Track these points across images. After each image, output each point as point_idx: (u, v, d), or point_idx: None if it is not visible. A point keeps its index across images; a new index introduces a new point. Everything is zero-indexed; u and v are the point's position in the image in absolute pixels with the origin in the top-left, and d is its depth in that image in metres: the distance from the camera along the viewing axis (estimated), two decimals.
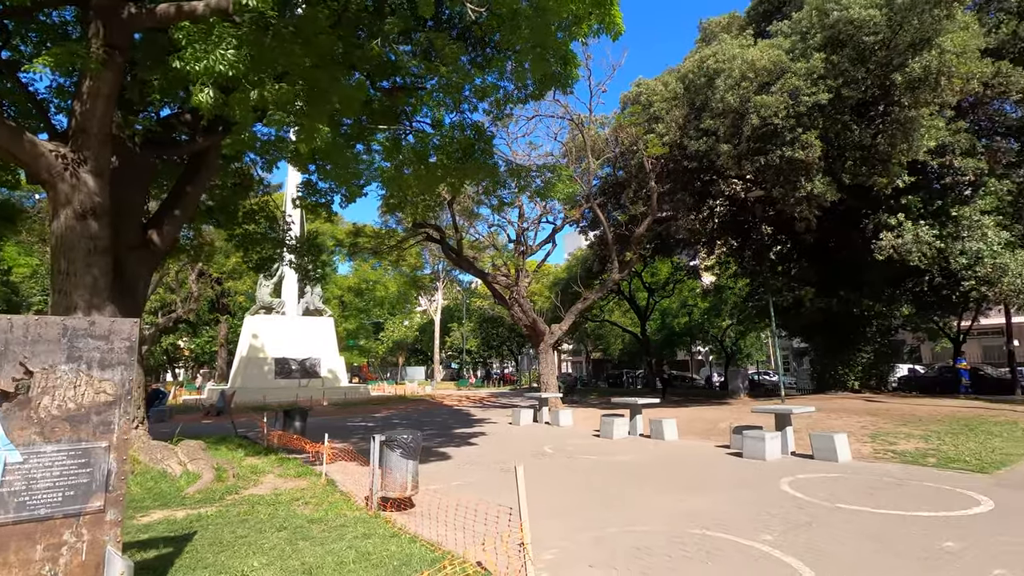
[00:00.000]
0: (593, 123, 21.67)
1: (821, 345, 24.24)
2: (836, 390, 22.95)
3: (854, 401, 19.21)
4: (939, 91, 12.78)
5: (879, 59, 13.35)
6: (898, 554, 5.27)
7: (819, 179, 14.65)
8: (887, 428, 13.14)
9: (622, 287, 36.09)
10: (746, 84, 14.28)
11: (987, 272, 18.01)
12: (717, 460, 10.69)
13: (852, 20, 12.96)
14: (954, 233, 18.08)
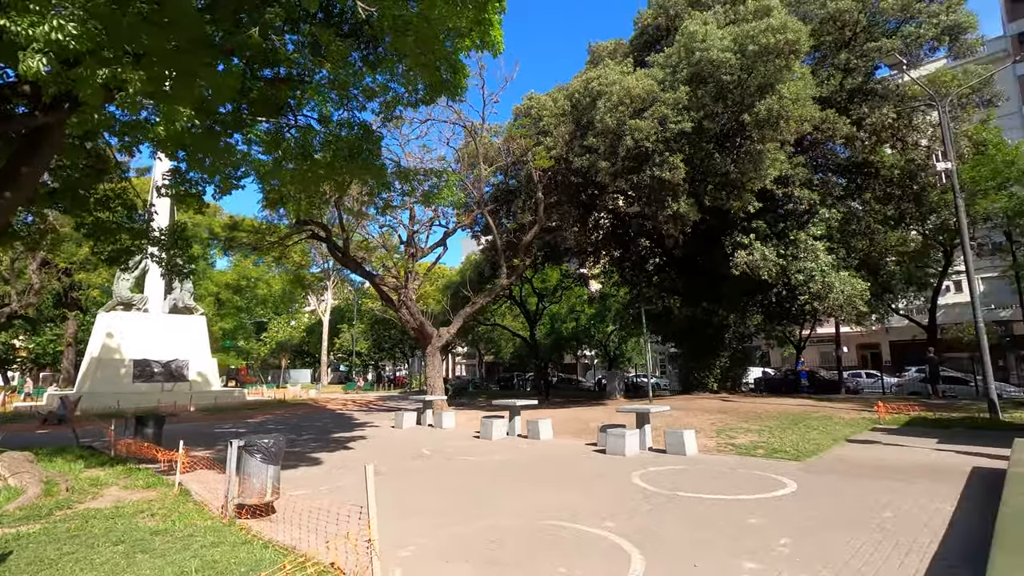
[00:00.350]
0: (487, 131, 22.18)
1: (687, 350, 26.64)
2: (698, 391, 25.33)
3: (711, 401, 21.36)
4: (780, 130, 14.80)
5: (734, 98, 15.19)
6: (712, 530, 6.09)
7: (683, 200, 16.28)
8: (732, 424, 14.81)
9: (513, 292, 37.08)
10: (623, 108, 15.53)
11: (818, 289, 20.87)
12: (583, 457, 11.46)
13: (712, 60, 14.62)
14: (793, 254, 20.78)
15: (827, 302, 20.88)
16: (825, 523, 6.33)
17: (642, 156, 15.71)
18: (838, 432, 13.77)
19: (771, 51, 13.87)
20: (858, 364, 46.25)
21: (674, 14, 19.82)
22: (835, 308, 21.16)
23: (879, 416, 15.97)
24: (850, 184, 24.30)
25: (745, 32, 14.22)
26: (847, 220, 23.89)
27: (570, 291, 39.61)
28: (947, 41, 18.08)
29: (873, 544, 5.60)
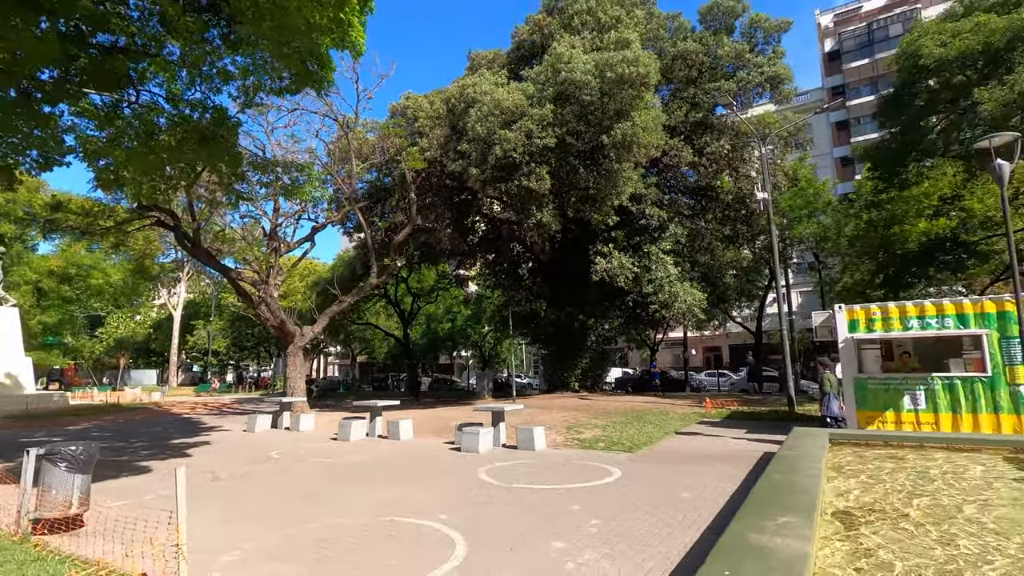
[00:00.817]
0: (363, 127, 21.73)
1: (553, 351, 28.14)
2: (562, 390, 26.88)
3: (571, 399, 22.81)
4: (632, 153, 16.37)
5: (595, 119, 16.51)
6: (536, 517, 6.66)
7: (547, 209, 17.32)
8: (583, 420, 16.00)
9: (388, 291, 36.50)
10: (493, 119, 16.16)
11: (665, 298, 23.16)
12: (438, 455, 11.74)
13: (575, 81, 15.79)
14: (646, 265, 22.89)
15: (672, 309, 23.27)
16: (635, 505, 7.20)
17: (511, 166, 16.46)
18: (671, 425, 15.47)
19: (626, 80, 15.33)
20: (703, 365, 51.74)
21: (548, 33, 20.95)
22: (679, 315, 23.67)
23: (706, 411, 18.20)
24: (696, 205, 27.31)
25: (605, 60, 15.56)
26: (693, 237, 26.83)
27: (447, 292, 39.85)
28: (769, 88, 21.22)
29: (667, 520, 6.51)
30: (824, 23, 52.24)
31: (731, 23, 21.65)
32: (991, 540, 4.63)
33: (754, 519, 4.90)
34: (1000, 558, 4.20)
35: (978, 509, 5.62)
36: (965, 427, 12.04)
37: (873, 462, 8.78)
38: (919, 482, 7.02)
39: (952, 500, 6.01)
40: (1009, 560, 4.15)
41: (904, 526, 5.11)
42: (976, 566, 3.97)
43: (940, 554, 4.25)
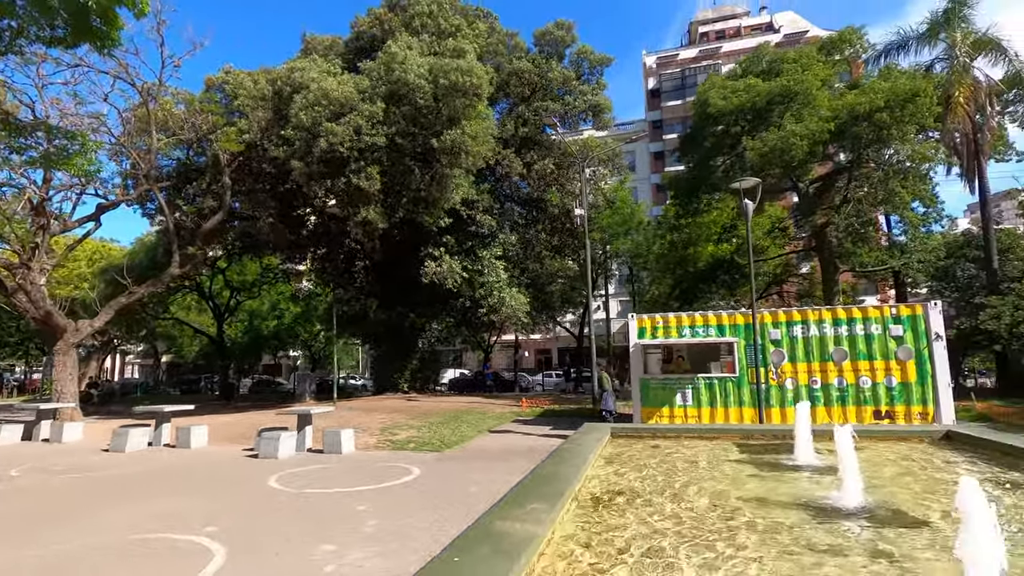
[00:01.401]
0: (172, 97, 19.27)
1: (384, 352, 27.66)
2: (392, 392, 26.52)
3: (397, 401, 22.60)
4: (461, 160, 16.84)
5: (427, 123, 16.66)
6: (313, 522, 6.51)
7: (374, 208, 17.01)
8: (401, 422, 15.97)
9: (202, 284, 32.79)
10: (320, 108, 15.47)
11: (495, 302, 24.11)
12: (229, 463, 10.85)
13: (408, 83, 15.81)
14: (479, 269, 23.62)
15: (500, 313, 24.34)
16: (421, 503, 7.40)
17: (338, 161, 15.86)
18: (486, 424, 16.16)
19: (459, 89, 15.74)
20: (535, 366, 54.78)
21: (388, 29, 20.65)
22: (505, 318, 24.82)
23: (522, 409, 19.34)
24: (528, 215, 28.93)
25: (440, 66, 15.81)
26: (525, 245, 28.34)
27: (272, 287, 36.96)
28: (591, 115, 23.42)
29: (448, 516, 6.80)
30: (649, 63, 58.83)
31: (562, 51, 23.46)
32: (702, 510, 5.62)
33: (507, 508, 5.35)
34: (699, 524, 5.10)
35: (703, 485, 6.78)
36: (719, 419, 14.38)
37: (639, 452, 10.09)
38: (665, 466, 8.24)
39: (687, 479, 7.17)
40: (703, 523, 5.03)
41: (639, 504, 5.97)
42: (683, 535, 4.73)
43: (662, 525, 5.02)
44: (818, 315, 14.25)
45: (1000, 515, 4.34)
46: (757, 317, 14.63)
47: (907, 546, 3.69)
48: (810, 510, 4.92)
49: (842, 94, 18.58)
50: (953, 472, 6.65)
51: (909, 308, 13.90)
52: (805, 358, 14.11)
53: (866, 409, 13.61)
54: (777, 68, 21.78)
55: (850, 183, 20.44)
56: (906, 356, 13.48)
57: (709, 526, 4.41)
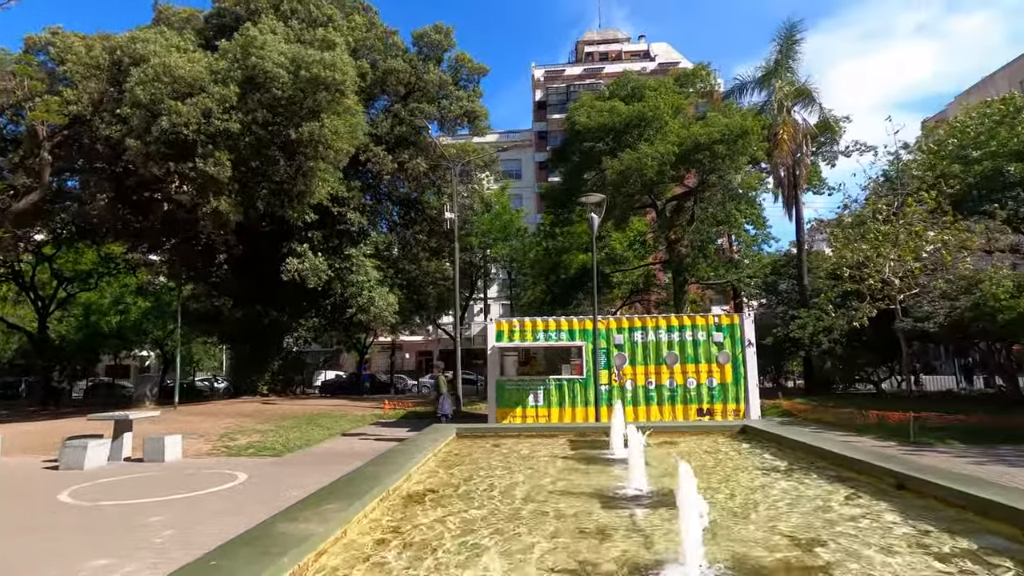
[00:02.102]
0: None
1: (243, 353, 25.84)
2: (251, 395, 24.83)
3: (250, 404, 21.18)
4: (320, 154, 16.26)
5: (287, 113, 15.90)
6: (95, 535, 5.98)
7: (227, 198, 15.91)
8: (247, 426, 15.05)
9: (23, 272, 28.50)
10: (161, 85, 14.15)
11: (364, 301, 23.55)
12: (19, 476, 9.59)
13: (266, 71, 15.00)
14: (347, 267, 22.93)
15: (369, 313, 23.82)
16: (229, 510, 7.07)
17: (184, 144, 14.59)
18: (340, 427, 15.75)
19: (321, 83, 15.23)
20: (416, 368, 54.12)
21: (255, 9, 19.43)
22: (374, 319, 24.33)
23: (385, 411, 19.10)
24: (407, 215, 28.65)
25: (303, 57, 15.18)
26: (404, 245, 28.01)
27: (115, 278, 32.98)
28: (467, 121, 23.82)
29: (251, 521, 6.55)
30: (538, 75, 60.88)
31: (440, 55, 23.57)
32: (514, 504, 5.93)
33: (299, 509, 5.30)
34: (500, 515, 5.38)
35: (523, 483, 7.16)
36: (567, 418, 15.25)
37: (478, 451, 10.42)
38: (497, 464, 8.60)
39: (511, 476, 7.53)
40: (510, 514, 5.32)
41: (452, 502, 6.18)
42: (483, 525, 4.96)
43: (468, 516, 5.21)
44: (655, 322, 15.69)
45: (754, 491, 5.06)
46: (604, 323, 15.79)
47: (660, 521, 4.15)
48: (602, 497, 5.40)
49: (690, 124, 20.71)
50: (739, 461, 7.62)
51: (728, 317, 15.78)
52: (643, 361, 15.45)
53: (691, 407, 15.19)
54: (639, 93, 23.64)
55: (696, 204, 22.73)
56: (725, 360, 15.25)
57: (512, 516, 4.64)
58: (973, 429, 12.75)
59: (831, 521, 3.78)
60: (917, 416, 13.02)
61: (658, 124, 20.88)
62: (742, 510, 4.28)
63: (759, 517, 4.06)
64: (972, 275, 15.30)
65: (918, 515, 3.78)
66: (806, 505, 4.36)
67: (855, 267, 17.97)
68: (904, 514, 3.84)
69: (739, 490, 5.21)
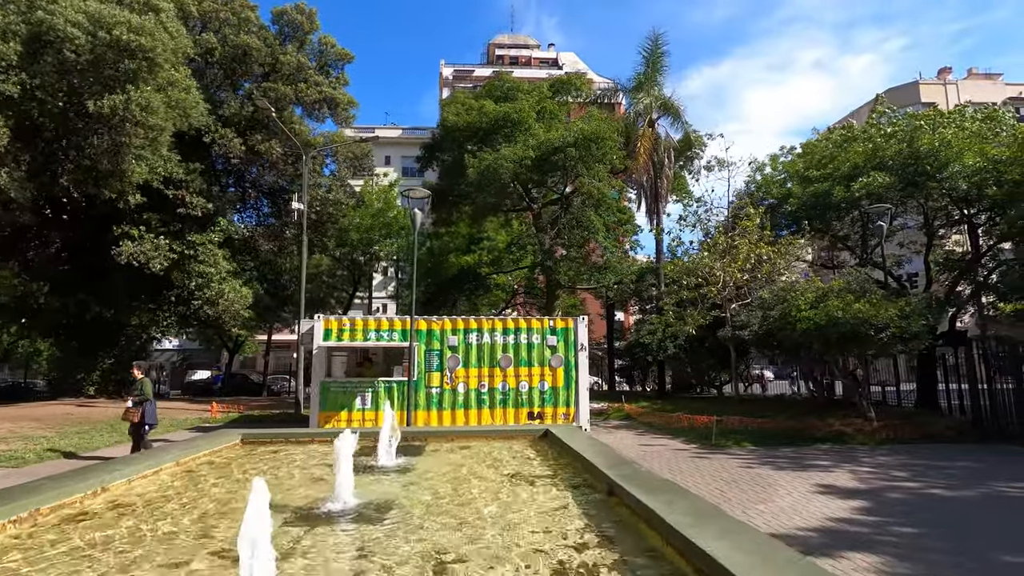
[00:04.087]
0: None
1: (70, 349, 23.02)
2: (73, 396, 22.12)
3: (62, 408, 18.73)
4: (129, 131, 14.55)
5: (84, 80, 14.09)
6: None
7: (7, 171, 13.82)
8: (19, 432, 13.19)
9: None
10: None
11: (212, 294, 21.69)
12: None
13: (55, 28, 13.19)
14: (193, 256, 20.95)
15: (218, 307, 21.98)
16: None
17: None
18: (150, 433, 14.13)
19: (124, 48, 13.60)
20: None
21: None
22: (223, 313, 22.49)
23: (211, 415, 17.53)
24: (273, 205, 26.88)
25: (105, 17, 13.46)
26: (271, 237, 26.19)
27: None
28: (327, 108, 22.65)
29: None
30: (446, 74, 60.19)
31: (304, 36, 22.23)
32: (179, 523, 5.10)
33: None
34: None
35: (232, 498, 6.34)
36: (397, 421, 14.55)
37: (248, 459, 9.47)
38: (254, 473, 7.70)
39: (229, 493, 6.69)
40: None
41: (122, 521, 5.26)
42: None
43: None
44: (491, 324, 15.39)
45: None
46: (439, 324, 15.30)
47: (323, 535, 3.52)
48: (300, 512, 4.67)
49: (549, 128, 20.84)
50: (504, 467, 7.19)
51: (563, 321, 15.79)
52: (477, 363, 15.09)
53: (523, 411, 15.01)
54: (513, 96, 23.53)
55: (562, 208, 22.95)
56: (558, 364, 15.20)
57: (163, 538, 3.77)
58: (768, 433, 13.46)
59: (509, 524, 3.61)
60: (719, 420, 13.58)
61: (525, 126, 20.82)
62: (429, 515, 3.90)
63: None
64: (788, 287, 16.30)
65: (601, 520, 3.71)
66: (506, 510, 4.13)
67: (691, 275, 18.78)
68: (585, 519, 3.77)
69: (465, 496, 4.82)
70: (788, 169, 25.64)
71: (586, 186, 20.33)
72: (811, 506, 7.29)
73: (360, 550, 3.27)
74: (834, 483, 8.63)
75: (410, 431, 12.44)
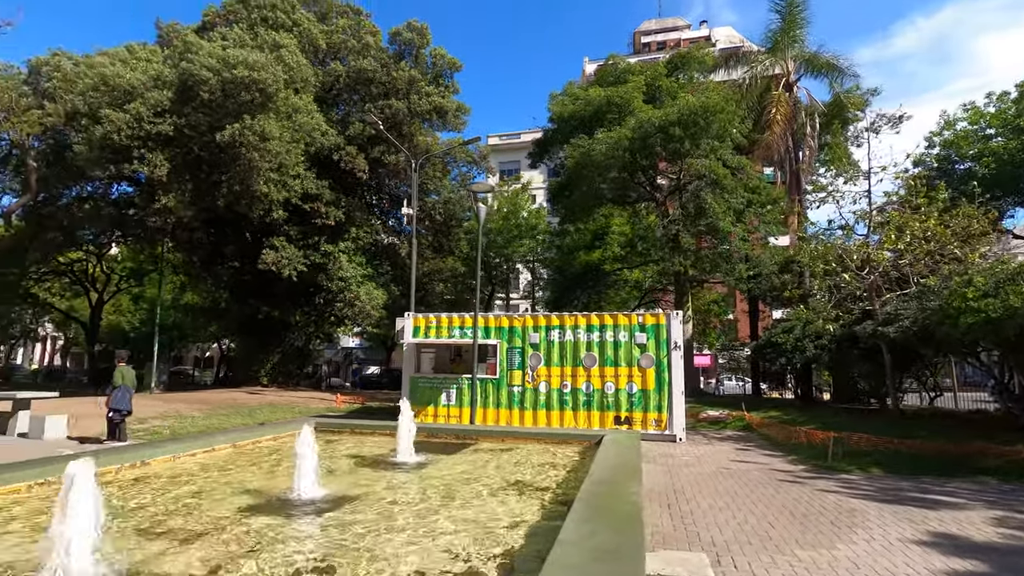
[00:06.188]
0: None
1: (245, 345, 27.45)
2: (250, 385, 26.34)
3: (231, 394, 22.32)
4: (246, 156, 16.60)
5: (216, 115, 16.53)
6: None
7: (173, 196, 16.90)
8: (183, 412, 15.97)
9: (89, 270, 32.28)
10: (97, 95, 15.38)
11: (351, 297, 24.12)
12: None
13: (194, 74, 15.74)
14: (328, 262, 23.54)
15: (355, 308, 24.35)
16: None
17: (117, 147, 15.77)
18: (264, 418, 16.15)
19: (242, 83, 15.72)
20: None
21: (235, 20, 20.55)
22: (359, 314, 24.83)
23: (336, 405, 19.37)
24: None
25: (229, 58, 15.77)
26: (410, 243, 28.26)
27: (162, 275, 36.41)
28: (435, 116, 23.53)
29: None
30: (589, 71, 59.20)
31: (416, 51, 23.49)
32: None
33: None
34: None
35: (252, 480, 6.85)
36: (478, 419, 14.49)
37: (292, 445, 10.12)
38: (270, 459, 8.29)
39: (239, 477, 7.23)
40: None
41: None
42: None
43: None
44: (573, 320, 14.51)
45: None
46: (520, 320, 14.89)
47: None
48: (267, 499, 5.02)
49: (651, 108, 18.95)
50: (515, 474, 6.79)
51: (654, 317, 14.21)
52: (560, 362, 14.35)
53: (608, 414, 13.86)
54: (624, 79, 22.11)
55: (678, 193, 20.84)
56: (648, 364, 13.76)
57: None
58: (914, 457, 10.44)
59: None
60: (839, 437, 10.87)
61: (629, 109, 19.36)
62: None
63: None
64: (957, 270, 12.60)
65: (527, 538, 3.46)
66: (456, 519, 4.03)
67: (837, 260, 15.50)
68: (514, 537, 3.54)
69: (436, 498, 4.79)
70: (994, 122, 20.23)
71: (696, 166, 18.12)
72: (881, 561, 5.33)
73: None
74: (953, 532, 6.26)
75: (464, 429, 12.19)
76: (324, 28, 21.79)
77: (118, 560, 3.22)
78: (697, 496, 8.05)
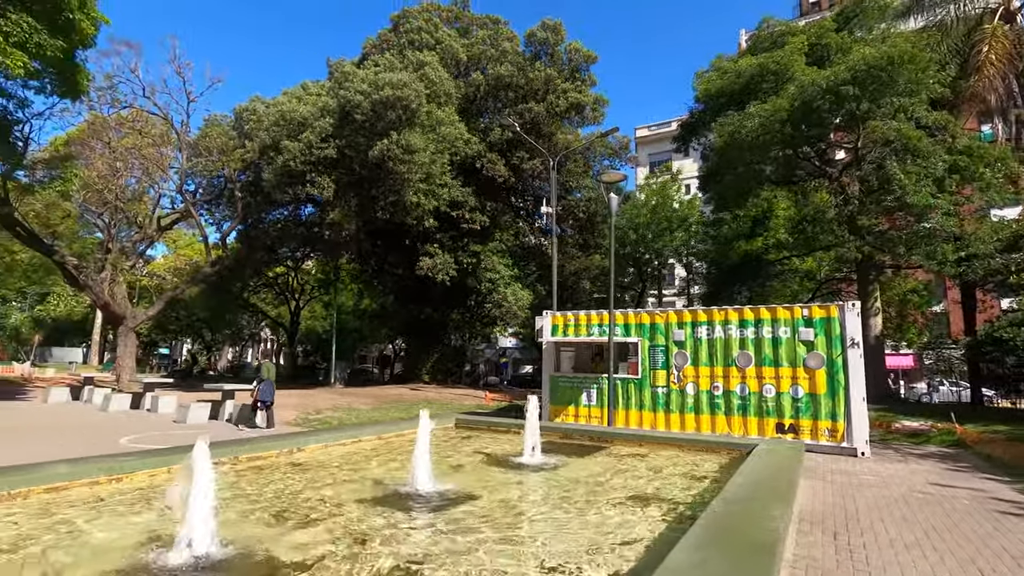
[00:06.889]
0: (210, 122, 23.20)
1: (410, 345, 29.89)
2: (415, 382, 28.64)
3: (397, 390, 24.39)
4: (391, 167, 17.85)
5: (367, 135, 18.09)
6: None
7: (339, 211, 18.95)
8: (354, 405, 17.75)
9: (290, 282, 37.96)
10: (277, 129, 17.82)
11: (500, 298, 24.98)
12: (123, 422, 13.41)
13: (349, 100, 17.41)
14: (476, 264, 24.61)
15: (503, 309, 25.14)
16: None
17: (294, 173, 18.10)
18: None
19: (388, 102, 16.97)
20: None
21: (388, 47, 22.54)
22: (507, 314, 25.53)
23: (486, 402, 20.03)
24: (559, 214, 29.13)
25: (377, 81, 17.20)
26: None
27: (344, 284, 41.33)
28: (574, 113, 23.01)
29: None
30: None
31: (554, 49, 23.32)
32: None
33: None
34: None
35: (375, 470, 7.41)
36: (619, 421, 13.87)
37: (440, 439, 10.55)
38: (405, 451, 8.79)
39: (358, 474, 7.78)
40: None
41: (272, 474, 6.86)
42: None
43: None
44: (723, 315, 13.13)
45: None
46: (663, 316, 13.90)
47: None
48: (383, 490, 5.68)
49: (815, 70, 16.22)
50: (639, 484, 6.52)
51: (822, 310, 12.20)
52: (708, 362, 13.10)
53: (769, 421, 12.27)
54: (783, 42, 19.65)
55: (855, 165, 17.77)
56: (816, 364, 11.95)
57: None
58: None
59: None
60: None
61: (787, 75, 17.04)
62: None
63: None
64: None
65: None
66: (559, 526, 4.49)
67: None
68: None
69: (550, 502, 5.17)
70: None
71: (879, 131, 15.19)
72: None
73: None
74: None
75: (600, 431, 11.64)
76: (465, 42, 22.84)
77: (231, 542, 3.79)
78: (876, 525, 6.57)
